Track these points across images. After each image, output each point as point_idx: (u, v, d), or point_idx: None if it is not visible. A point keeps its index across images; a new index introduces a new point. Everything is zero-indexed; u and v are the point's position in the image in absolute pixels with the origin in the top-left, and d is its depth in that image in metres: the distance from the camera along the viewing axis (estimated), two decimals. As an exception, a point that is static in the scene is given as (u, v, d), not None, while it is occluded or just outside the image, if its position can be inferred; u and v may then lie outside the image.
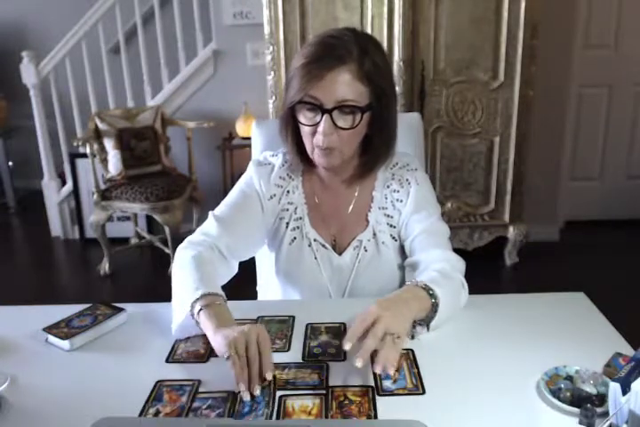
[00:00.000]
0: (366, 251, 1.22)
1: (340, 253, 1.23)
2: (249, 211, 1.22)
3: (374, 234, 1.22)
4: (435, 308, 1.00)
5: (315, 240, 1.22)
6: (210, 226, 1.20)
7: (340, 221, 1.24)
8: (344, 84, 1.05)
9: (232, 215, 1.21)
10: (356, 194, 1.24)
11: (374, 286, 1.24)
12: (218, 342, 0.92)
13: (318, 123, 1.08)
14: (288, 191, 1.23)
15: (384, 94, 1.11)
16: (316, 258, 1.22)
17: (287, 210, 1.23)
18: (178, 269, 1.10)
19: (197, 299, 0.99)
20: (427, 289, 1.01)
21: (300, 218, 1.23)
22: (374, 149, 1.17)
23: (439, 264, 1.10)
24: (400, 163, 1.25)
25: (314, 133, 1.10)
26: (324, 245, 1.22)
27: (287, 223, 1.23)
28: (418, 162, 1.29)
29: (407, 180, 1.23)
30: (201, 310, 0.98)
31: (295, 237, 1.23)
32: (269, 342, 0.92)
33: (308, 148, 1.14)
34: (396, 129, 1.18)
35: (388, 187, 1.23)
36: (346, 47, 1.06)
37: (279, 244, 1.24)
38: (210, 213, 1.23)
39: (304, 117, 1.10)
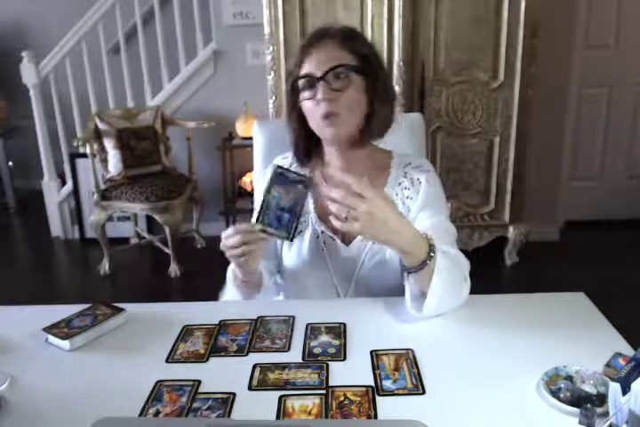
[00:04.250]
0: (374, 243, 1.22)
1: (347, 244, 1.24)
2: None
3: None
4: (425, 261, 1.01)
5: (322, 232, 1.23)
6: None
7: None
8: (329, 55, 1.14)
9: None
10: None
11: (379, 279, 1.23)
12: None
13: (316, 93, 1.13)
14: None
15: (371, 57, 1.18)
16: (323, 250, 1.23)
17: None
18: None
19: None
20: (430, 244, 1.03)
21: (308, 212, 1.24)
22: (376, 119, 1.20)
23: None
24: (413, 163, 1.26)
25: (316, 106, 1.14)
26: (331, 237, 1.23)
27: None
28: (431, 165, 1.30)
29: (418, 179, 1.24)
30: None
31: (302, 230, 1.24)
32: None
33: (316, 126, 1.17)
34: (394, 103, 1.23)
35: (399, 184, 1.24)
36: (330, 27, 1.19)
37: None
38: None
39: (304, 96, 1.16)
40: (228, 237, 1.04)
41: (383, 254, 1.23)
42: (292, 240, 1.04)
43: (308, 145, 1.25)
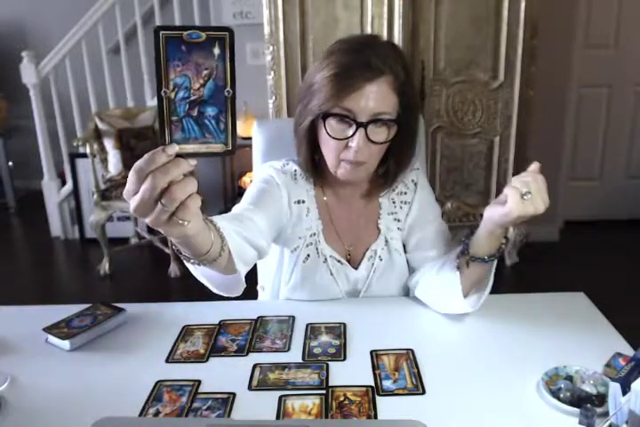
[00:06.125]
0: (381, 260, 1.19)
1: (355, 267, 1.19)
2: (274, 197, 1.14)
3: (386, 241, 1.19)
4: (501, 247, 1.01)
5: (330, 256, 1.18)
6: (236, 206, 1.10)
7: (353, 233, 1.20)
8: (380, 96, 1.01)
9: (258, 198, 1.12)
10: (365, 204, 1.21)
11: (385, 291, 1.21)
12: None
13: (350, 137, 1.03)
14: (308, 208, 1.18)
15: (412, 106, 1.08)
16: (332, 274, 1.18)
17: (306, 229, 1.18)
18: None
19: None
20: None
21: (314, 234, 1.18)
22: (397, 161, 1.14)
23: None
24: None
25: (341, 147, 1.05)
26: (339, 261, 1.18)
27: (304, 240, 1.18)
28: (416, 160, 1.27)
29: (412, 180, 1.22)
30: None
31: (309, 255, 1.17)
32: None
33: (332, 162, 1.08)
34: (416, 141, 1.15)
35: (393, 190, 1.21)
36: (381, 56, 1.02)
37: (295, 260, 1.18)
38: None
39: (332, 130, 1.04)
40: (134, 189, 0.67)
41: (390, 271, 1.20)
42: (233, 151, 0.64)
43: (313, 155, 1.15)
